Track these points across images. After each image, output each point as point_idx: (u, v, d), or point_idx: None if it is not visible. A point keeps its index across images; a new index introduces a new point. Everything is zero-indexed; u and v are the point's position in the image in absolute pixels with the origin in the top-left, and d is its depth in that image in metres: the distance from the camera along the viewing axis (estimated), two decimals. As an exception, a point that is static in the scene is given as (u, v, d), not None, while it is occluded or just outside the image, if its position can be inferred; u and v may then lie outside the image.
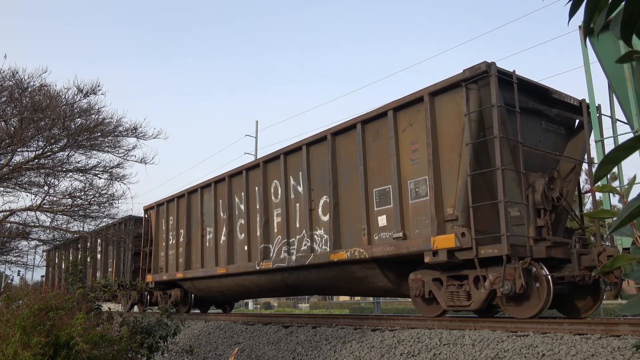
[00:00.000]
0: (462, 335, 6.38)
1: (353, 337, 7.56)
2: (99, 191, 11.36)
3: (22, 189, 11.85)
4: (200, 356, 9.40)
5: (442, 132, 7.72)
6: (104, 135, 10.88)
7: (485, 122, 7.39)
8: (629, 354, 4.81)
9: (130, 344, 5.21)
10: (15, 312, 4.84)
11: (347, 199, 9.23)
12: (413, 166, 8.07)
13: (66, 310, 4.89)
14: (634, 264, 1.17)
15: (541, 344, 5.49)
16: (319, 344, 7.78)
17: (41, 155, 10.57)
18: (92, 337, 4.69)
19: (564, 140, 8.60)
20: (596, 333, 5.74)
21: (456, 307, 7.53)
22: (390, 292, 9.29)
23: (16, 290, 5.82)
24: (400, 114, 8.36)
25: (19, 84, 9.36)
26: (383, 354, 6.69)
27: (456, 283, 7.58)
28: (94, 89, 9.90)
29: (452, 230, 7.33)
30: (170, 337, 5.79)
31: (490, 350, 5.73)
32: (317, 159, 9.91)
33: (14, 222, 12.03)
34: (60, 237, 14.53)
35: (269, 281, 11.28)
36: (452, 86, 7.58)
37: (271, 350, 8.33)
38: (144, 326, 5.69)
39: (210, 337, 10.19)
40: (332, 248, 9.17)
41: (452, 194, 7.49)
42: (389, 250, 8.08)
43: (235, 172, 12.24)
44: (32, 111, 9.41)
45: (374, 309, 24.01)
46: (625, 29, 1.03)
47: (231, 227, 12.19)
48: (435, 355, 6.20)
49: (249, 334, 9.45)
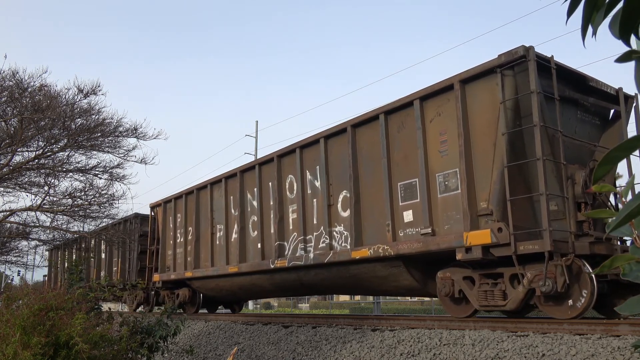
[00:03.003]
0: (462, 335, 6.33)
1: (353, 337, 7.50)
2: (99, 191, 11.35)
3: (22, 189, 11.87)
4: (200, 356, 9.33)
5: (474, 121, 7.29)
6: (104, 135, 10.85)
7: (522, 111, 6.97)
8: (628, 354, 4.79)
9: (130, 344, 5.22)
10: (15, 312, 4.83)
11: (368, 194, 8.79)
12: (442, 158, 7.64)
13: (66, 310, 4.88)
14: (632, 263, 1.15)
15: (541, 344, 5.46)
16: (319, 344, 7.71)
17: (41, 155, 10.54)
18: (92, 337, 4.69)
19: (599, 132, 8.17)
20: (596, 333, 5.72)
21: (490, 307, 7.10)
22: (415, 291, 8.86)
23: (16, 290, 5.74)
24: (428, 104, 7.92)
25: (19, 84, 9.35)
26: (383, 354, 6.64)
27: (490, 281, 7.15)
28: (94, 89, 9.88)
29: (486, 226, 6.90)
30: (170, 337, 5.79)
31: (490, 350, 5.71)
32: (336, 152, 9.48)
33: (14, 222, 12.03)
34: (60, 237, 14.56)
35: (284, 280, 10.84)
36: (485, 72, 7.15)
37: (271, 350, 8.25)
38: (144, 326, 5.71)
39: (210, 337, 10.11)
40: (353, 245, 8.74)
41: (486, 187, 7.06)
42: (416, 247, 7.65)
43: (247, 167, 11.80)
44: (32, 111, 9.38)
45: (374, 309, 23.88)
46: (623, 29, 1.02)
47: (243, 224, 11.75)
48: (435, 355, 6.16)
49: (249, 334, 9.38)
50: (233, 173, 12.22)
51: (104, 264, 18.50)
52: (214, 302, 15.59)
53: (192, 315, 13.76)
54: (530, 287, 6.63)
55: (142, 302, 16.18)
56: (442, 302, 8.04)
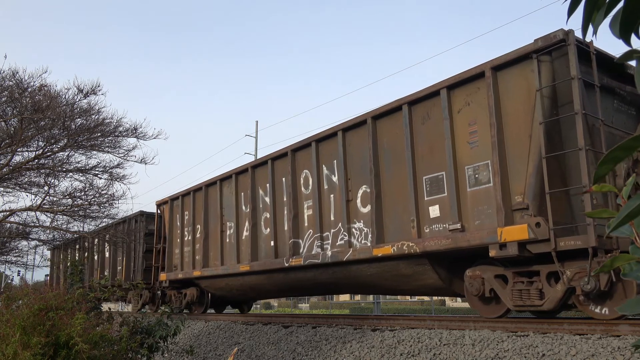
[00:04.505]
0: (462, 335, 6.30)
1: (353, 337, 7.47)
2: (99, 191, 11.29)
3: (22, 189, 11.85)
4: (200, 356, 9.27)
5: (507, 110, 6.89)
6: (104, 135, 10.79)
7: (559, 99, 6.56)
8: (629, 354, 4.77)
9: (130, 344, 5.24)
10: (15, 312, 4.85)
11: (390, 189, 8.39)
12: (472, 150, 7.24)
13: (66, 310, 4.89)
14: (632, 263, 1.14)
15: (541, 344, 5.43)
16: (319, 344, 7.67)
17: (41, 155, 10.49)
18: (91, 337, 4.71)
19: (635, 122, 7.76)
20: (596, 333, 5.67)
21: (526, 307, 6.70)
22: (439, 291, 8.45)
23: (16, 291, 5.74)
24: (455, 93, 7.52)
25: (19, 84, 9.27)
26: (383, 354, 6.61)
27: (525, 280, 6.75)
28: (94, 89, 9.80)
29: (522, 221, 6.50)
30: (170, 337, 5.81)
31: (490, 350, 5.69)
32: (355, 146, 9.07)
33: (14, 222, 11.99)
34: (60, 237, 14.53)
35: (299, 279, 10.43)
36: (519, 59, 6.75)
37: (271, 350, 8.19)
38: (144, 326, 5.72)
39: (210, 337, 10.01)
40: (375, 242, 8.34)
41: (521, 179, 6.65)
42: (444, 244, 7.25)
43: (259, 162, 11.39)
44: (32, 111, 9.32)
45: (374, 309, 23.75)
46: (624, 29, 1.02)
47: (255, 221, 11.34)
48: (435, 355, 6.13)
49: (249, 334, 9.30)
50: (244, 169, 11.81)
51: (108, 263, 18.09)
52: (222, 302, 15.18)
53: (192, 315, 13.39)
54: (570, 286, 6.24)
55: (148, 302, 15.77)
56: (470, 301, 7.64)
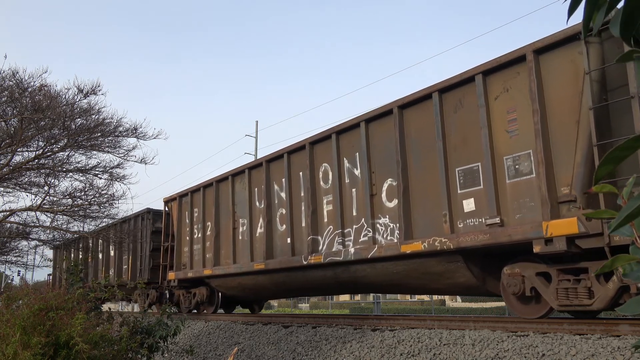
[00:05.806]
0: (462, 335, 6.29)
1: (353, 337, 7.46)
2: (99, 191, 11.21)
3: (22, 189, 11.79)
4: (200, 356, 9.25)
5: (550, 96, 6.44)
6: (104, 135, 10.72)
7: (608, 83, 6.11)
8: (629, 354, 4.75)
9: (130, 344, 5.25)
10: (15, 312, 4.85)
11: (419, 182, 7.94)
12: (511, 139, 6.78)
13: (66, 310, 4.88)
14: (633, 264, 1.12)
15: (541, 344, 5.42)
16: (319, 344, 7.65)
17: (41, 155, 10.41)
18: (92, 337, 4.72)
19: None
20: (596, 333, 5.64)
21: (573, 307, 6.25)
22: (472, 289, 8.00)
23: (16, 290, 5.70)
24: (492, 79, 7.07)
25: (19, 84, 9.24)
26: (383, 354, 6.59)
27: (571, 278, 6.30)
28: (94, 89, 9.73)
29: (570, 214, 6.05)
30: (170, 337, 5.83)
31: (490, 350, 5.68)
32: (379, 137, 8.62)
33: (14, 222, 11.90)
34: (60, 237, 14.44)
35: (318, 277, 9.98)
36: (564, 41, 6.29)
37: (271, 350, 8.16)
38: (144, 326, 5.74)
39: (210, 337, 9.94)
40: (403, 238, 7.88)
41: (568, 170, 6.20)
42: (482, 239, 6.79)
43: (274, 156, 10.92)
44: (32, 111, 9.24)
45: (374, 309, 23.50)
46: (624, 29, 1.01)
47: (269, 217, 10.88)
48: (435, 355, 6.12)
49: (249, 334, 9.26)
50: (258, 163, 11.35)
51: (113, 262, 17.61)
52: (233, 301, 14.71)
53: (192, 315, 12.96)
54: (623, 284, 5.79)
55: (155, 301, 15.30)
56: (507, 301, 7.19)
